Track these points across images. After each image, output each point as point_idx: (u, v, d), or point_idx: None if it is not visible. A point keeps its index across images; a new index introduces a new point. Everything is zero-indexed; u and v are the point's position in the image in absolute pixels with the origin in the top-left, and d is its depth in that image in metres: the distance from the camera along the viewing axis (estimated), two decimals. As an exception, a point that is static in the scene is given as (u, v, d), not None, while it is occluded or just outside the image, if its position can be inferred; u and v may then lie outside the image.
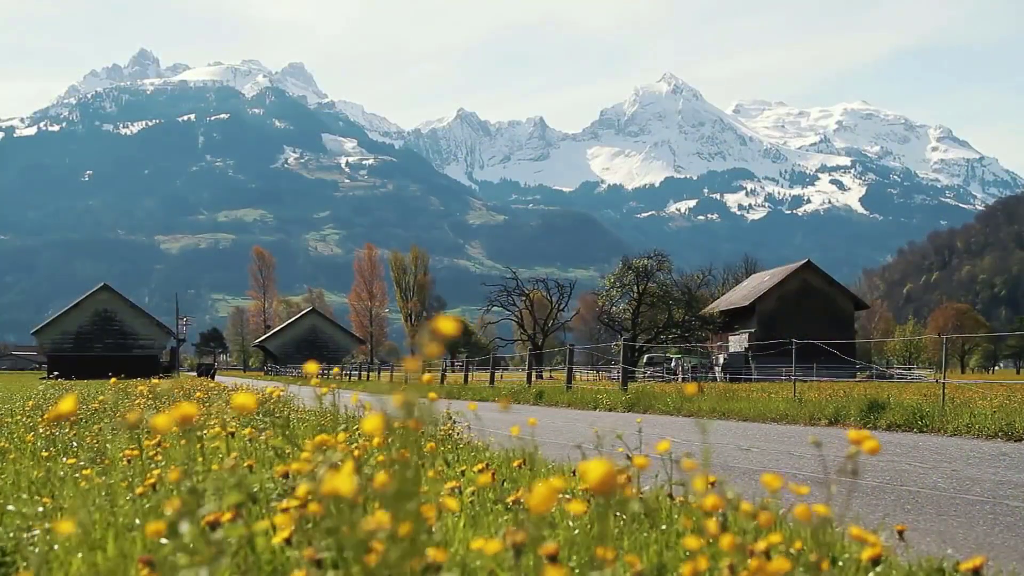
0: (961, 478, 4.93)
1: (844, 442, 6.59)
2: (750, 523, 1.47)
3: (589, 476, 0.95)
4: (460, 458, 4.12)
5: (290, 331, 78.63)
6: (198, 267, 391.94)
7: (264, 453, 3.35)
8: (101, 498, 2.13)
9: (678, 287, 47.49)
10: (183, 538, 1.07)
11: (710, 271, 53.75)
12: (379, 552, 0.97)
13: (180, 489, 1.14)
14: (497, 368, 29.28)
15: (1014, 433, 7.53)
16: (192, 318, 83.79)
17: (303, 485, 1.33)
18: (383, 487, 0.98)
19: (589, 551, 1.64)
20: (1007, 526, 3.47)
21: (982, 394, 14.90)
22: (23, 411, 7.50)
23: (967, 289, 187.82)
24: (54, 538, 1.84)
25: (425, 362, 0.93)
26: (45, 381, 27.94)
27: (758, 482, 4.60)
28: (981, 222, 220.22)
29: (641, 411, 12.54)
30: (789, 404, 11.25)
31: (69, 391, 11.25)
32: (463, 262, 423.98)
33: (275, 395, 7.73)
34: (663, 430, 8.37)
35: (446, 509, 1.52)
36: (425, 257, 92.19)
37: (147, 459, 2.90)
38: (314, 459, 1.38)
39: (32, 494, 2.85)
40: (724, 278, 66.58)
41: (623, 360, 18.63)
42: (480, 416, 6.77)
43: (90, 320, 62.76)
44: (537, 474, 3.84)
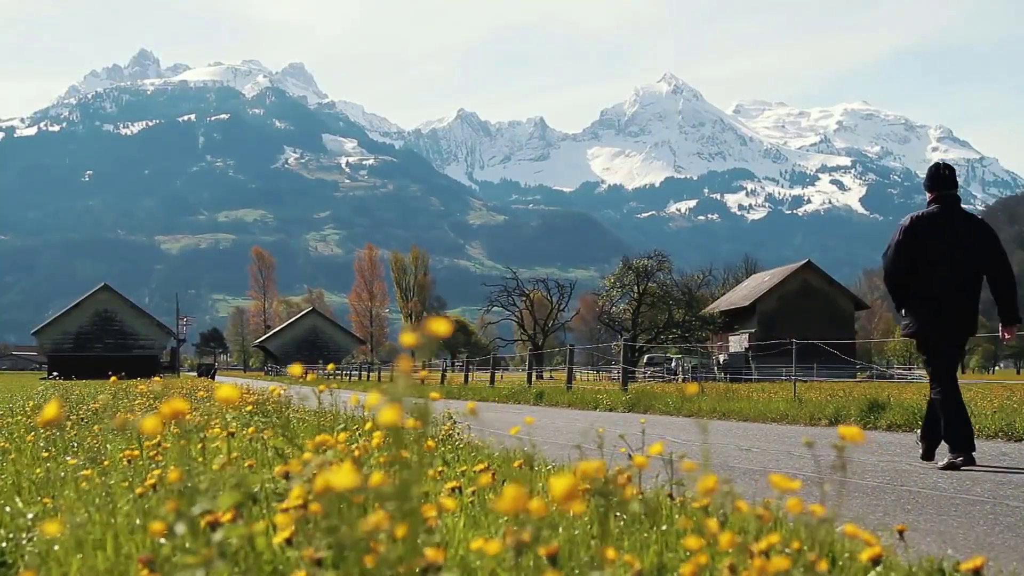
0: (961, 478, 4.93)
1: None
2: (750, 523, 1.47)
3: (554, 490, 0.96)
4: (460, 458, 4.12)
5: (290, 331, 78.66)
6: (198, 267, 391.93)
7: (264, 453, 3.35)
8: (101, 499, 2.13)
9: (678, 287, 47.45)
10: (180, 538, 1.07)
11: (710, 271, 53.70)
12: (379, 552, 0.98)
13: (173, 490, 1.18)
14: (497, 368, 29.27)
15: (1014, 433, 7.53)
16: (192, 318, 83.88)
17: (297, 486, 1.33)
18: (382, 487, 0.98)
19: (589, 551, 1.64)
20: (1007, 526, 3.47)
21: (982, 394, 14.90)
22: (23, 411, 7.50)
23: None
24: (54, 538, 1.84)
25: (421, 362, 0.93)
26: (45, 381, 27.95)
27: (759, 482, 4.60)
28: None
29: (641, 411, 12.54)
30: (789, 404, 11.25)
31: (68, 391, 11.26)
32: (463, 262, 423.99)
33: (276, 393, 7.73)
34: (663, 430, 8.37)
35: (445, 509, 1.52)
36: (425, 257, 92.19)
37: (147, 459, 2.90)
38: (313, 459, 1.38)
39: (32, 494, 2.85)
40: (724, 278, 66.58)
41: (623, 360, 18.63)
42: (481, 416, 6.79)
43: (90, 320, 62.76)
44: (538, 474, 3.84)
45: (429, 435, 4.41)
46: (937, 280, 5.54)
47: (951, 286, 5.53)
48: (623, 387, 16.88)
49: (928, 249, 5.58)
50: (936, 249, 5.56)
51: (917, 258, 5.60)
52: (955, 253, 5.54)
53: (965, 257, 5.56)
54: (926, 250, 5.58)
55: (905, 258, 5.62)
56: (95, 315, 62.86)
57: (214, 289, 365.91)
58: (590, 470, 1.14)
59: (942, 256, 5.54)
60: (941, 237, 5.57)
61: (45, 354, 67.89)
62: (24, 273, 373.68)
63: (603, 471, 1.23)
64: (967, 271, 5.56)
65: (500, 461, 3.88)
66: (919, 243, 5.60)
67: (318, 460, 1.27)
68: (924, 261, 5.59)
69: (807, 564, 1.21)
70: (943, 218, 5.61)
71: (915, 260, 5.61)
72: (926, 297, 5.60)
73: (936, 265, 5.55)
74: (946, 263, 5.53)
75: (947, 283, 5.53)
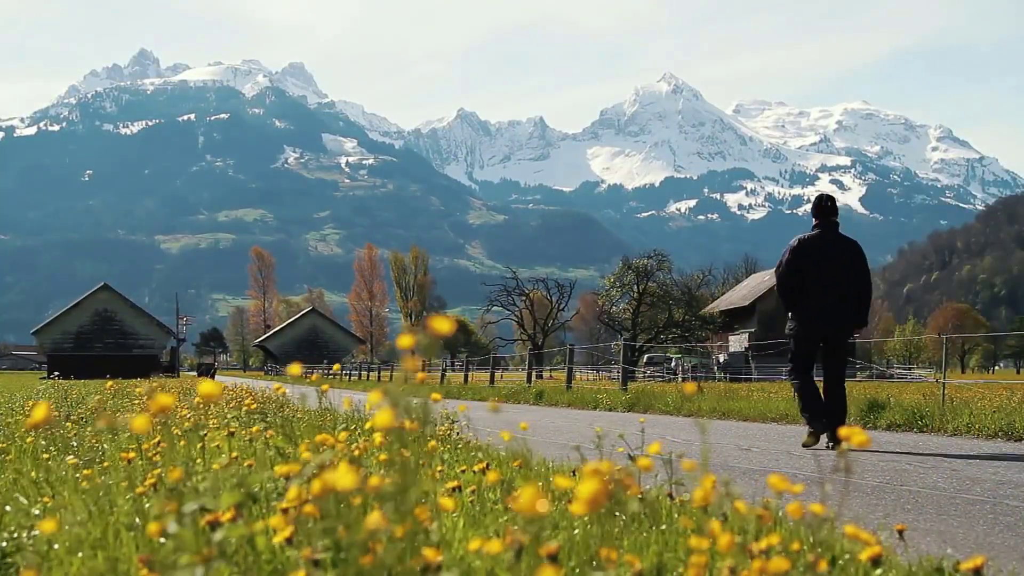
0: (961, 478, 4.93)
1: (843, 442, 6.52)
2: (750, 523, 1.47)
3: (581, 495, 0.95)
4: (460, 458, 4.12)
5: (290, 331, 78.66)
6: (198, 267, 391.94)
7: (264, 453, 3.34)
8: (101, 498, 2.13)
9: (678, 287, 47.46)
10: (178, 538, 1.07)
11: (710, 271, 53.71)
12: (377, 552, 0.97)
13: (168, 489, 1.18)
14: (497, 368, 29.28)
15: (1014, 433, 7.53)
16: (192, 318, 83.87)
17: (294, 486, 1.32)
18: (380, 486, 0.98)
19: (589, 551, 1.64)
20: (1007, 526, 3.47)
21: (982, 394, 14.89)
22: (23, 411, 7.50)
23: (967, 289, 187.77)
24: (54, 538, 1.84)
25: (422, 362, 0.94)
26: (45, 381, 27.93)
27: (758, 482, 4.60)
28: (981, 222, 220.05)
29: (641, 411, 12.54)
30: (789, 404, 11.25)
31: (68, 391, 11.26)
32: (463, 262, 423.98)
33: (281, 391, 7.73)
34: (663, 430, 8.37)
35: (444, 509, 1.52)
36: (425, 257, 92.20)
37: (146, 460, 2.90)
38: (311, 459, 1.38)
39: (32, 494, 2.84)
40: (724, 278, 66.56)
41: (623, 360, 18.62)
42: (480, 416, 6.78)
43: (90, 320, 62.76)
44: (538, 474, 3.84)
45: (429, 435, 4.41)
46: (819, 291, 6.64)
47: (829, 296, 6.63)
48: (623, 387, 16.87)
49: (811, 266, 6.68)
50: (817, 266, 6.67)
51: (803, 272, 6.69)
52: (832, 270, 6.65)
53: (840, 273, 6.66)
54: (809, 266, 6.68)
55: (793, 272, 6.74)
56: (95, 315, 62.86)
57: (214, 289, 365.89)
58: (604, 472, 1.22)
59: (821, 272, 6.65)
60: (821, 256, 6.67)
61: (45, 354, 67.88)
62: (24, 273, 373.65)
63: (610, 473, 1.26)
64: (842, 284, 6.66)
65: (500, 461, 3.88)
66: (804, 261, 6.70)
67: (317, 460, 1.29)
68: (808, 275, 6.68)
69: (807, 564, 1.25)
70: (824, 240, 6.74)
71: (801, 274, 6.70)
72: (809, 304, 6.69)
73: (817, 279, 6.65)
74: (825, 277, 6.64)
75: (825, 294, 6.63)
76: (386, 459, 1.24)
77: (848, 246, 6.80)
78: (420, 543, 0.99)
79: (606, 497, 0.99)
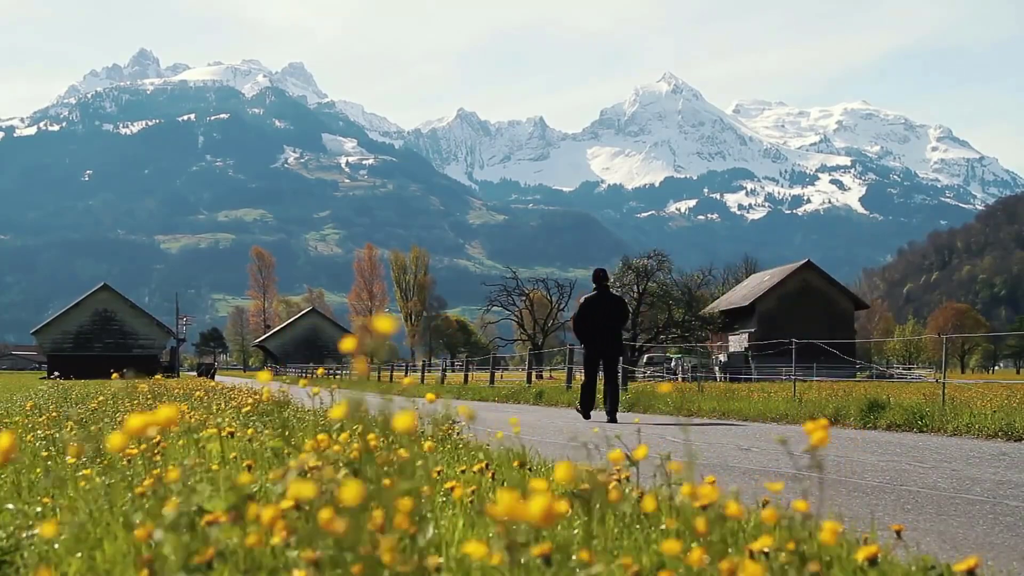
0: (961, 478, 4.93)
1: (843, 442, 6.57)
2: (746, 523, 1.48)
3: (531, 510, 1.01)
4: (459, 458, 4.12)
5: (290, 331, 78.70)
6: (198, 267, 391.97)
7: (263, 454, 3.35)
8: (101, 498, 2.13)
9: (678, 287, 47.44)
10: (179, 538, 1.07)
11: (710, 271, 53.65)
12: (375, 553, 0.97)
13: (172, 490, 1.17)
14: (497, 368, 29.26)
15: (1014, 433, 7.53)
16: (192, 318, 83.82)
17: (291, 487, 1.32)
18: (379, 489, 0.99)
19: (580, 550, 1.64)
20: (1007, 526, 3.47)
21: (982, 394, 14.89)
22: (23, 411, 7.50)
23: (967, 289, 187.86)
24: (53, 538, 1.84)
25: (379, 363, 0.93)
26: (45, 381, 27.93)
27: (758, 482, 4.60)
28: (981, 222, 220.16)
29: (641, 411, 12.55)
30: (789, 404, 11.26)
31: (68, 390, 11.27)
32: (463, 262, 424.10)
33: (285, 391, 7.74)
34: (663, 430, 8.38)
35: (443, 509, 1.52)
36: (425, 257, 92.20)
37: (146, 460, 2.90)
38: (309, 459, 1.38)
39: (32, 494, 2.85)
40: (724, 278, 66.53)
41: (623, 360, 18.62)
42: (480, 416, 6.78)
43: (90, 320, 62.77)
44: (537, 473, 3.84)
45: (428, 435, 4.41)
46: (598, 330, 10.57)
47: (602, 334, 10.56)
48: (623, 387, 16.87)
49: (592, 315, 10.63)
50: (595, 315, 10.62)
51: (588, 318, 10.62)
52: (604, 317, 10.61)
53: (609, 319, 10.62)
54: (592, 315, 10.64)
55: (584, 319, 10.65)
56: (95, 315, 62.87)
57: (214, 289, 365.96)
58: (573, 476, 1.21)
59: (597, 319, 10.60)
60: (598, 309, 10.65)
61: (45, 354, 67.91)
62: (24, 273, 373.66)
63: (591, 474, 1.25)
64: (611, 325, 10.61)
65: (499, 461, 3.88)
66: (588, 312, 10.66)
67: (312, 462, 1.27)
68: (590, 321, 10.61)
69: (802, 564, 1.24)
70: (600, 299, 10.71)
71: (586, 319, 10.62)
72: (591, 337, 10.60)
73: (594, 322, 10.59)
74: (600, 321, 10.58)
75: (600, 332, 10.56)
76: (385, 460, 1.24)
77: (615, 302, 10.77)
78: (417, 544, 0.98)
79: (559, 515, 0.98)
